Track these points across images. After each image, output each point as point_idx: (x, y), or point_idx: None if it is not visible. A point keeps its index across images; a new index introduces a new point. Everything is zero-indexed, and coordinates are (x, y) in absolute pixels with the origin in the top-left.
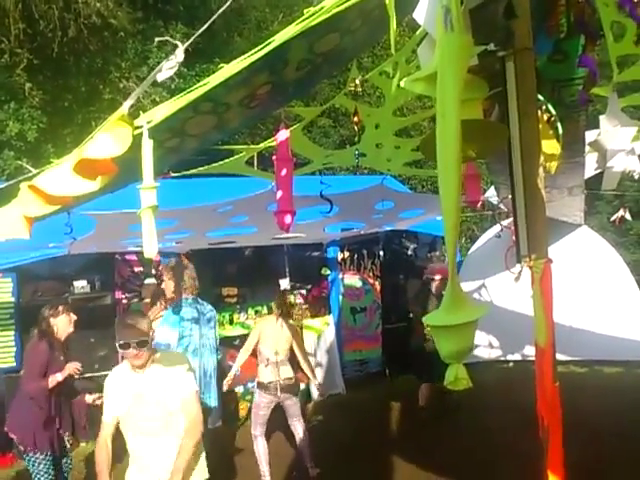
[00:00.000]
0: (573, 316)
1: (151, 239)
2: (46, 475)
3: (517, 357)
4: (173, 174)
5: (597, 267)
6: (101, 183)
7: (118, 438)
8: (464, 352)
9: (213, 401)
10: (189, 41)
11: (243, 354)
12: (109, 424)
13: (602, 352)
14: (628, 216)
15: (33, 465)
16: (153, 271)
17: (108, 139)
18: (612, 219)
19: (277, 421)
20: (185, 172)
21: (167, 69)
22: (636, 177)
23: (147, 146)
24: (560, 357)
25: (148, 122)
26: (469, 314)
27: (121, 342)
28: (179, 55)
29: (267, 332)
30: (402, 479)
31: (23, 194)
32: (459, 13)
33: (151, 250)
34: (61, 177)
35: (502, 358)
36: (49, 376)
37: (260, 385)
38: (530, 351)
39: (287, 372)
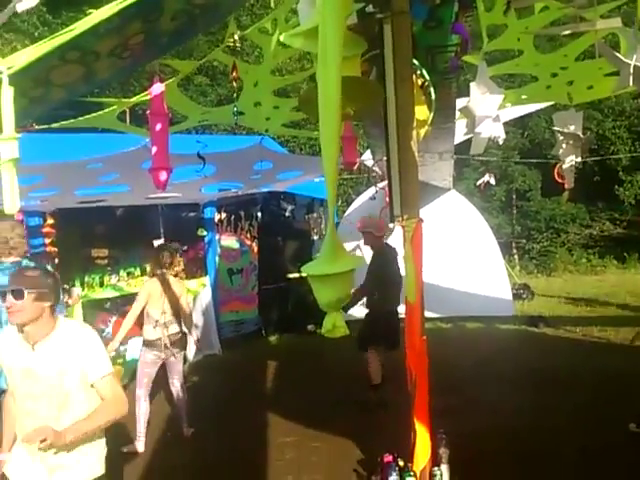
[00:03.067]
0: (440, 275)
1: (12, 194)
2: None
3: None
4: (38, 127)
5: (463, 230)
6: None
7: None
8: (342, 300)
9: None
10: None
11: (131, 318)
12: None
13: (466, 309)
14: (493, 181)
15: None
16: None
17: None
18: (478, 184)
19: (154, 381)
20: (51, 125)
21: None
22: (501, 143)
23: (7, 94)
24: (428, 314)
25: (8, 68)
26: (346, 264)
27: None
28: None
29: (155, 293)
30: (277, 432)
31: None
32: None
33: (12, 206)
34: None
35: None
36: None
37: (146, 342)
38: (401, 309)
39: (174, 328)
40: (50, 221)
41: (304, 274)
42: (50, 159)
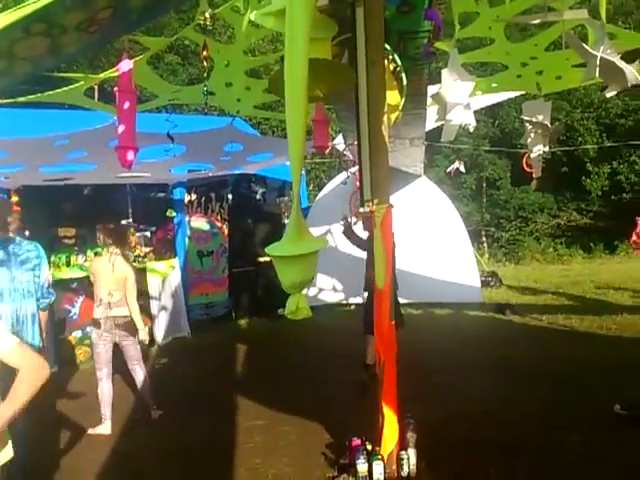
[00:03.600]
0: (410, 262)
1: None
2: None
3: (359, 300)
4: (2, 101)
5: (434, 217)
6: None
7: None
8: (305, 282)
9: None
10: None
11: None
12: None
13: (435, 295)
14: (462, 168)
15: None
16: None
17: None
18: (448, 170)
19: (120, 364)
20: (17, 99)
21: None
22: (471, 131)
23: None
24: (400, 300)
25: None
26: (311, 245)
27: None
28: None
29: (101, 272)
30: (246, 416)
31: None
32: None
33: None
34: None
35: (344, 302)
36: None
37: (93, 322)
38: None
39: (121, 311)
40: (15, 198)
41: (273, 263)
42: (15, 134)
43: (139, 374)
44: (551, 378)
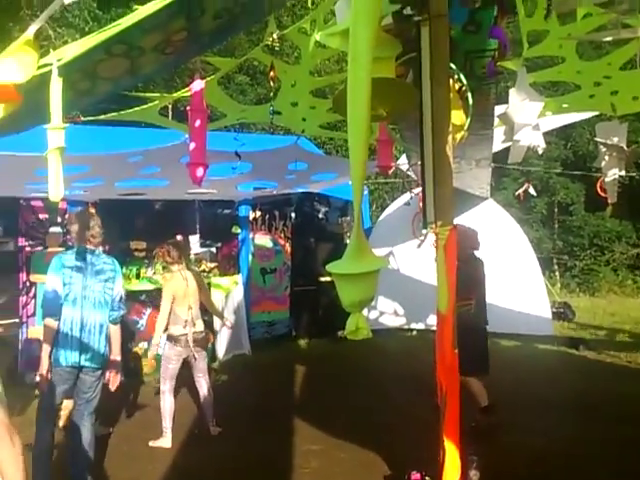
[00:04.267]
0: None
1: (57, 182)
2: None
3: (420, 326)
4: (84, 119)
5: (501, 242)
6: (4, 112)
7: None
8: (366, 301)
9: (94, 359)
10: None
11: (163, 319)
12: None
13: (502, 325)
14: (532, 191)
15: None
16: (59, 219)
17: (12, 64)
18: (517, 193)
19: (183, 378)
20: (96, 117)
21: None
22: (540, 152)
23: (56, 85)
24: None
25: (58, 60)
26: (372, 263)
27: None
28: None
29: (178, 292)
30: (303, 439)
31: None
32: None
33: (56, 193)
34: None
35: (406, 326)
36: None
37: (170, 337)
38: (434, 321)
39: (199, 326)
40: (92, 211)
41: (334, 281)
42: (94, 151)
43: (204, 387)
44: (624, 419)
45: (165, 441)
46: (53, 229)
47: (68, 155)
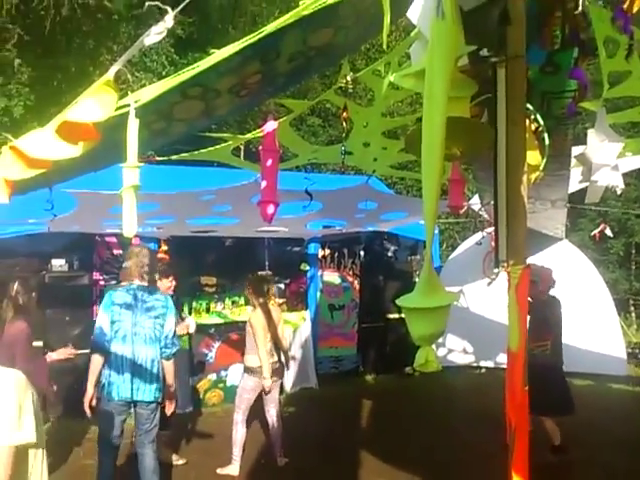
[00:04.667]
0: None
1: (131, 218)
2: None
3: (490, 364)
4: (158, 158)
5: (576, 282)
6: (83, 149)
7: None
8: (436, 335)
9: (147, 393)
10: (179, 7)
11: (264, 353)
12: None
13: (576, 364)
14: (609, 232)
15: None
16: None
17: (92, 103)
18: (593, 233)
19: (253, 409)
20: (170, 157)
21: (155, 34)
22: (619, 193)
23: (133, 125)
24: None
25: (136, 101)
26: (443, 298)
27: None
28: (168, 21)
29: (260, 323)
30: (369, 472)
31: (4, 156)
32: (451, 2)
33: (130, 229)
34: (43, 140)
35: (475, 364)
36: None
37: (248, 369)
38: (503, 359)
39: (274, 357)
40: (164, 247)
41: (404, 315)
42: (167, 189)
43: (274, 417)
44: None
45: (233, 469)
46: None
47: (142, 193)
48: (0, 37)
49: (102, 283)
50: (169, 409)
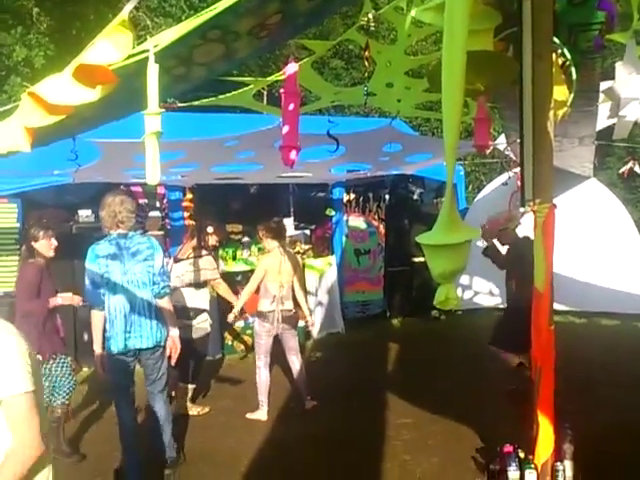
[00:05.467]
0: (575, 267)
1: (154, 166)
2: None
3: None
4: (180, 104)
5: (603, 221)
6: (101, 93)
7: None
8: (456, 272)
9: (145, 340)
10: None
11: (248, 291)
12: None
13: (601, 304)
14: (638, 169)
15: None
16: (157, 204)
17: (107, 45)
18: (621, 171)
19: (278, 354)
20: (192, 103)
21: None
22: None
23: (153, 71)
24: (559, 307)
25: (155, 46)
26: (463, 234)
27: None
28: None
29: (272, 268)
30: (395, 413)
31: (24, 104)
32: None
33: (153, 177)
34: (61, 85)
35: (501, 306)
36: (44, 296)
37: (259, 314)
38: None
39: (288, 304)
40: (189, 195)
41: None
42: (191, 136)
43: (296, 364)
44: None
45: (261, 414)
46: (152, 213)
47: (165, 141)
48: None
49: None
50: (174, 356)
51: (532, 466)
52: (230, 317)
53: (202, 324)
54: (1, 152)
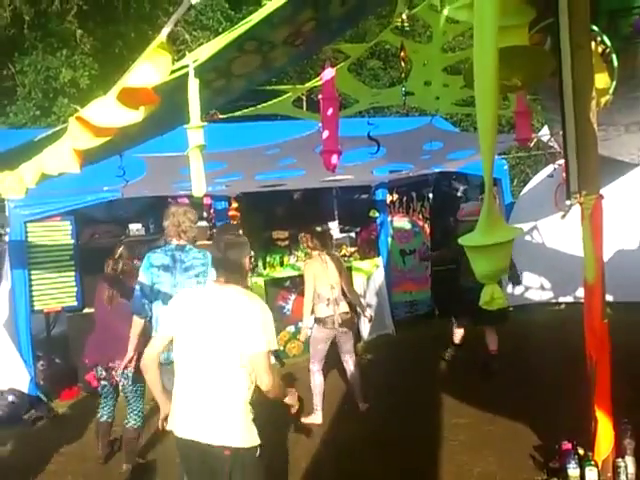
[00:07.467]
0: (625, 258)
1: (199, 178)
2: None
3: (569, 299)
4: (221, 116)
5: None
6: (144, 113)
7: None
8: (499, 272)
9: None
10: None
11: (309, 301)
12: None
13: None
14: None
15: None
16: (204, 214)
17: (148, 67)
18: None
19: (330, 357)
20: (233, 114)
21: None
22: None
23: (193, 85)
24: (610, 298)
25: (194, 61)
26: (504, 234)
27: None
28: None
29: (318, 272)
30: (450, 413)
31: (71, 127)
32: None
33: (199, 189)
34: (106, 108)
35: (554, 300)
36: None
37: (318, 320)
38: (582, 293)
39: (344, 307)
40: (235, 205)
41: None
42: (232, 146)
43: (351, 366)
44: None
45: (316, 417)
46: (200, 224)
47: (208, 153)
48: (61, 9)
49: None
50: None
51: (592, 463)
52: (302, 336)
53: None
54: (52, 173)
